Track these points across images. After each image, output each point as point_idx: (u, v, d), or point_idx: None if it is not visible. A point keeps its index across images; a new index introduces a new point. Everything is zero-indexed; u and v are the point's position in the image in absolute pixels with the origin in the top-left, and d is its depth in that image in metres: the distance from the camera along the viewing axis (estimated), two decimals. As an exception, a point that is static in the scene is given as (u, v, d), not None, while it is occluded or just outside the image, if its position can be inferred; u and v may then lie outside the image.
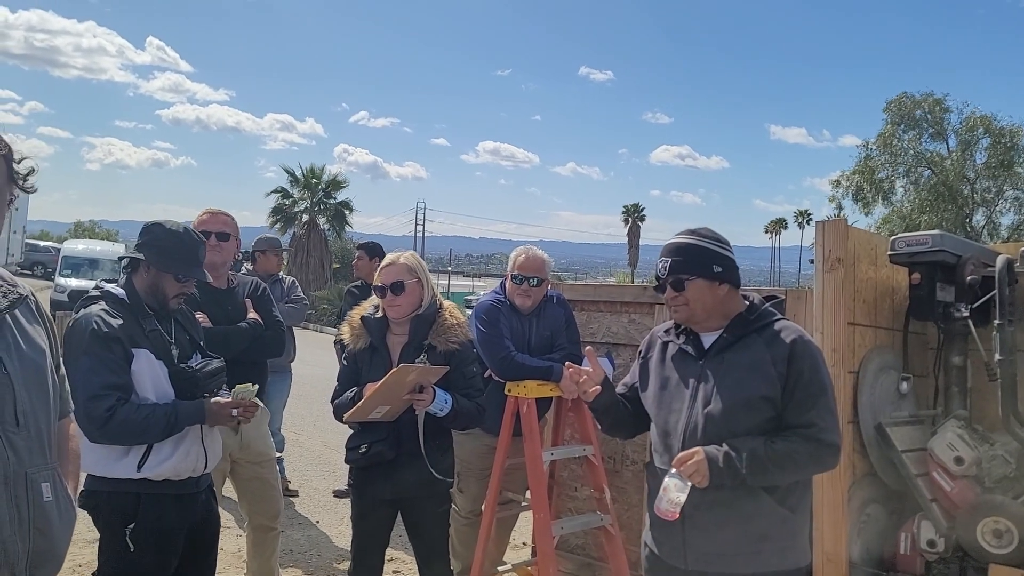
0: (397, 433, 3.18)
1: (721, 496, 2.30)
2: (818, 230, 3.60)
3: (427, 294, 3.29)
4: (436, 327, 3.26)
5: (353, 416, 3.12)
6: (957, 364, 3.72)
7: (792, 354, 2.33)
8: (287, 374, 6.10)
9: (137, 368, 2.68)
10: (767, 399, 2.32)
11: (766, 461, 2.24)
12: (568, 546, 4.58)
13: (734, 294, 2.48)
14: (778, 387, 2.32)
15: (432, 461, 3.20)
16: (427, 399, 3.09)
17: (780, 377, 2.32)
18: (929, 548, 3.44)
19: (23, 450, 1.68)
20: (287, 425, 6.63)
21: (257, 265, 6.16)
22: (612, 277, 52.03)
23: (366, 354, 3.30)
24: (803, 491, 2.42)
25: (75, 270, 22.22)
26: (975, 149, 30.66)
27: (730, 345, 2.42)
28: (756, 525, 2.32)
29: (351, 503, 3.44)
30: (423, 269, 3.32)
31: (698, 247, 2.46)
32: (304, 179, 35.65)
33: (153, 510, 2.70)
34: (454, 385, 3.23)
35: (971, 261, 3.59)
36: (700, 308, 2.44)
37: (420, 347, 3.22)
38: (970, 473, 3.42)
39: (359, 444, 3.23)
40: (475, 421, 3.39)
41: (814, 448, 2.28)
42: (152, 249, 2.82)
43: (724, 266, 2.44)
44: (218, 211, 3.89)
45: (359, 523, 3.37)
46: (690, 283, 2.42)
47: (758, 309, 2.47)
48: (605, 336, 4.57)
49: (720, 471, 2.24)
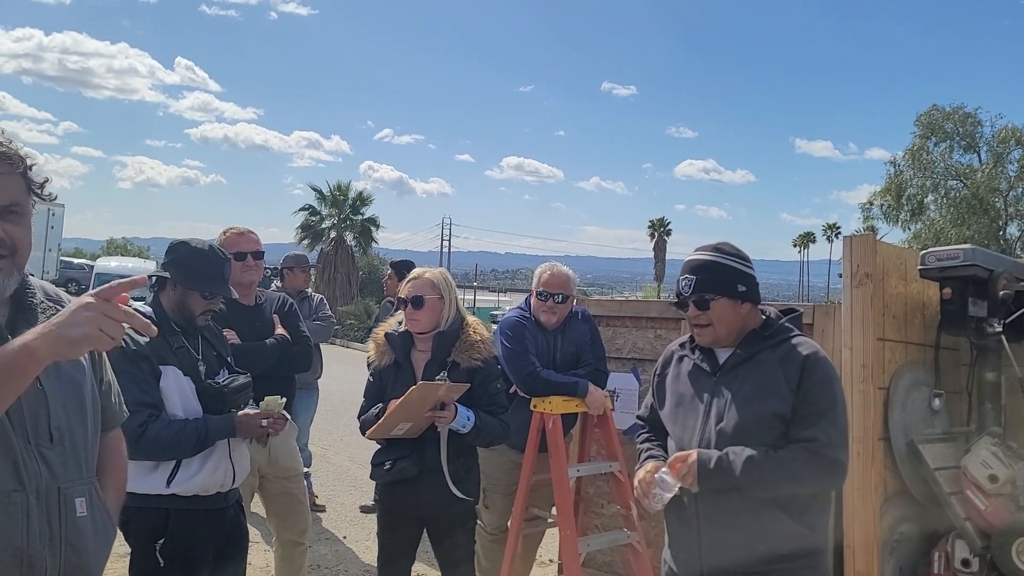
0: (421, 450, 3.19)
1: (738, 513, 2.29)
2: (845, 245, 3.57)
3: (449, 311, 3.28)
4: (460, 344, 3.26)
5: (375, 433, 3.13)
6: (990, 380, 3.66)
7: (803, 370, 2.31)
8: (314, 390, 6.14)
9: (165, 385, 2.71)
10: (779, 416, 2.30)
11: (763, 467, 2.23)
12: (595, 563, 4.54)
13: (754, 311, 2.47)
14: (789, 404, 2.30)
15: (455, 479, 3.19)
16: (449, 416, 3.09)
17: (791, 393, 2.30)
18: (963, 568, 3.38)
19: (57, 465, 1.70)
20: (314, 440, 6.67)
21: (285, 282, 6.23)
22: (640, 292, 51.83)
23: (391, 370, 3.31)
24: (820, 509, 2.37)
25: (108, 287, 22.55)
26: (1007, 161, 30.23)
27: (744, 361, 2.40)
28: (772, 543, 2.29)
29: (377, 518, 3.45)
30: (449, 286, 3.31)
31: (722, 265, 2.43)
32: (331, 196, 35.96)
33: (182, 526, 2.73)
34: (477, 402, 3.23)
35: (1003, 275, 3.54)
36: (723, 328, 2.42)
37: (443, 364, 3.22)
38: (1005, 491, 3.36)
39: (383, 460, 3.24)
40: (499, 438, 3.38)
41: (815, 461, 2.24)
42: (178, 267, 2.86)
43: (748, 285, 2.43)
44: (245, 230, 3.93)
45: (384, 538, 3.38)
46: (715, 303, 2.40)
47: (774, 325, 2.45)
48: (631, 352, 4.55)
49: (710, 473, 2.25)
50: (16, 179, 1.68)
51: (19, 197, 1.68)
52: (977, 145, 30.73)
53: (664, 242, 68.23)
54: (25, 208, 1.70)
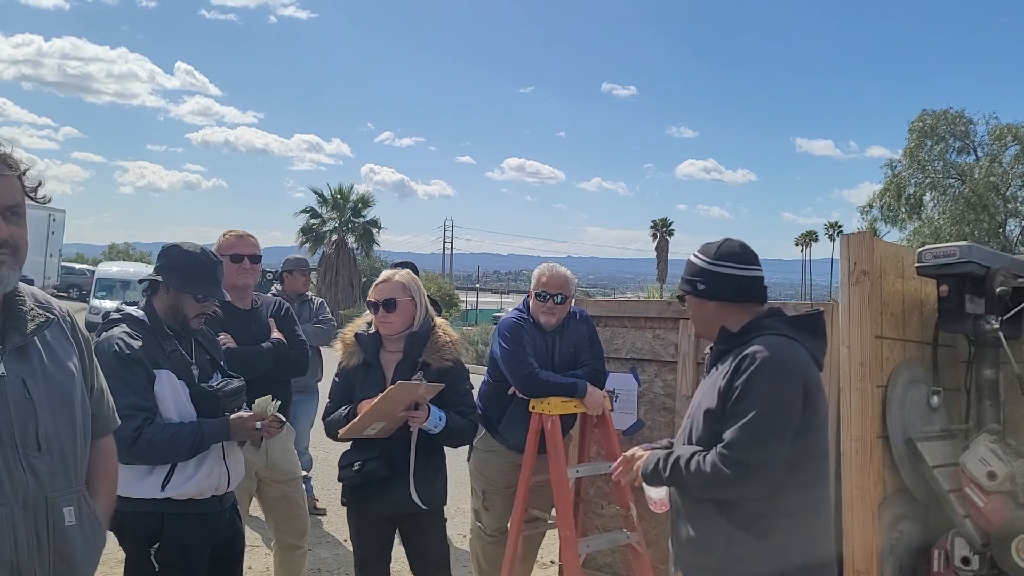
0: (391, 451, 3.20)
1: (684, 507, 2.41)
2: (843, 243, 3.56)
3: (420, 312, 3.32)
4: (430, 345, 3.29)
5: (348, 432, 3.15)
6: (989, 377, 3.65)
7: (735, 370, 2.31)
8: (314, 393, 6.14)
9: (159, 389, 2.71)
10: (711, 413, 2.34)
11: (683, 469, 2.31)
12: (595, 564, 4.54)
13: (731, 309, 2.46)
14: (716, 402, 2.33)
15: (424, 479, 3.23)
16: (422, 416, 3.12)
17: (723, 391, 2.32)
18: (963, 566, 3.37)
19: (45, 474, 1.70)
20: (315, 444, 6.66)
21: (285, 285, 6.23)
22: (643, 292, 51.80)
23: (359, 371, 3.33)
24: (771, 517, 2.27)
25: (109, 292, 22.58)
26: (1003, 158, 30.24)
27: (716, 361, 2.48)
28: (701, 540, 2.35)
29: (348, 521, 3.44)
30: (418, 288, 3.36)
31: (690, 263, 2.56)
32: (332, 199, 35.99)
33: (177, 530, 2.73)
34: (448, 403, 3.26)
35: (1000, 272, 3.53)
36: (697, 323, 2.61)
37: (414, 364, 3.25)
38: (1004, 489, 3.35)
39: (352, 462, 3.26)
40: (468, 438, 3.49)
41: (720, 464, 2.22)
42: (171, 271, 2.86)
43: (708, 283, 2.48)
44: (244, 233, 3.93)
45: (359, 541, 3.39)
46: (687, 299, 2.58)
47: (755, 325, 2.42)
48: (630, 352, 4.55)
49: (647, 474, 2.43)
50: (15, 181, 1.72)
51: (19, 198, 1.73)
52: (973, 144, 30.76)
53: (667, 242, 68.15)
54: (24, 209, 1.75)
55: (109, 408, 2.03)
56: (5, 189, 1.70)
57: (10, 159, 1.72)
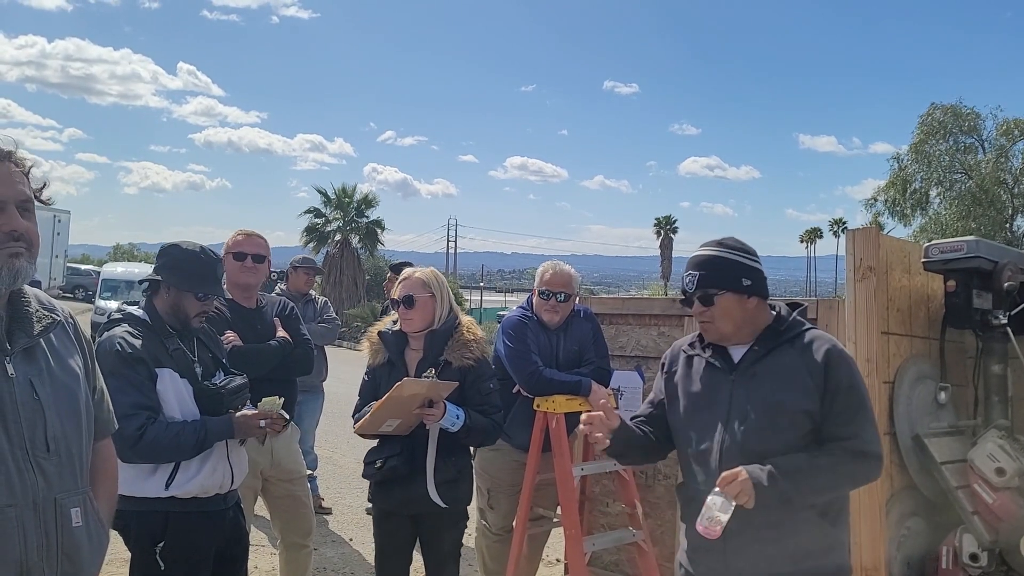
0: (412, 448, 3.19)
1: (765, 514, 2.19)
2: (848, 239, 3.54)
3: (441, 310, 3.28)
4: (452, 343, 3.25)
5: (362, 428, 3.15)
6: (997, 373, 3.63)
7: (828, 364, 2.27)
8: (319, 393, 6.14)
9: (162, 387, 2.71)
10: (806, 412, 2.25)
11: (811, 478, 2.19)
12: (601, 562, 4.53)
13: (763, 306, 2.41)
14: (816, 399, 2.25)
15: (446, 478, 3.19)
16: (437, 414, 3.08)
17: (818, 388, 2.25)
18: (972, 562, 3.35)
19: (53, 476, 1.70)
20: (320, 443, 6.66)
21: (289, 284, 6.24)
22: (646, 290, 51.71)
23: (384, 369, 3.32)
24: (843, 502, 2.36)
25: (115, 292, 22.62)
26: (1011, 153, 30.13)
27: (761, 358, 2.35)
28: (799, 541, 2.25)
29: (372, 517, 3.45)
30: (440, 285, 3.31)
31: (726, 259, 2.39)
32: (336, 199, 36.01)
33: (182, 528, 2.72)
34: (470, 401, 3.22)
35: (1008, 267, 3.51)
36: (729, 323, 2.36)
37: (435, 362, 3.22)
38: (1012, 485, 3.33)
39: (375, 459, 3.25)
40: (490, 438, 3.37)
41: (859, 460, 2.22)
42: (170, 270, 2.86)
43: (753, 278, 2.37)
44: (252, 232, 3.94)
45: (380, 537, 3.39)
46: (719, 297, 2.35)
47: (787, 320, 2.41)
48: (634, 349, 4.53)
49: (765, 490, 2.14)
50: (24, 178, 1.75)
51: (30, 194, 1.76)
52: (981, 139, 30.64)
53: (670, 240, 68.09)
54: (34, 206, 1.78)
55: (109, 410, 2.03)
56: (17, 184, 1.72)
57: (16, 158, 1.75)
